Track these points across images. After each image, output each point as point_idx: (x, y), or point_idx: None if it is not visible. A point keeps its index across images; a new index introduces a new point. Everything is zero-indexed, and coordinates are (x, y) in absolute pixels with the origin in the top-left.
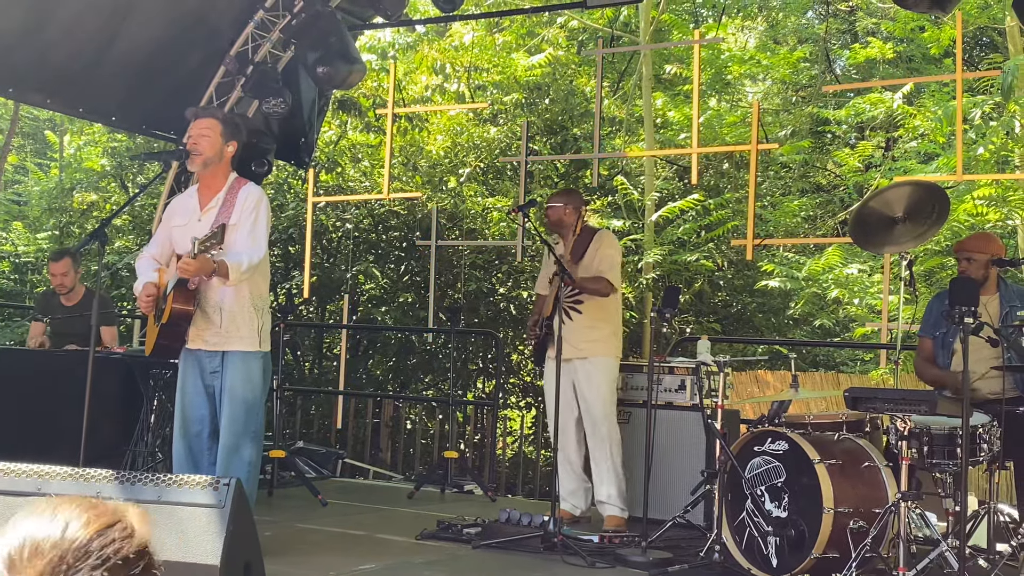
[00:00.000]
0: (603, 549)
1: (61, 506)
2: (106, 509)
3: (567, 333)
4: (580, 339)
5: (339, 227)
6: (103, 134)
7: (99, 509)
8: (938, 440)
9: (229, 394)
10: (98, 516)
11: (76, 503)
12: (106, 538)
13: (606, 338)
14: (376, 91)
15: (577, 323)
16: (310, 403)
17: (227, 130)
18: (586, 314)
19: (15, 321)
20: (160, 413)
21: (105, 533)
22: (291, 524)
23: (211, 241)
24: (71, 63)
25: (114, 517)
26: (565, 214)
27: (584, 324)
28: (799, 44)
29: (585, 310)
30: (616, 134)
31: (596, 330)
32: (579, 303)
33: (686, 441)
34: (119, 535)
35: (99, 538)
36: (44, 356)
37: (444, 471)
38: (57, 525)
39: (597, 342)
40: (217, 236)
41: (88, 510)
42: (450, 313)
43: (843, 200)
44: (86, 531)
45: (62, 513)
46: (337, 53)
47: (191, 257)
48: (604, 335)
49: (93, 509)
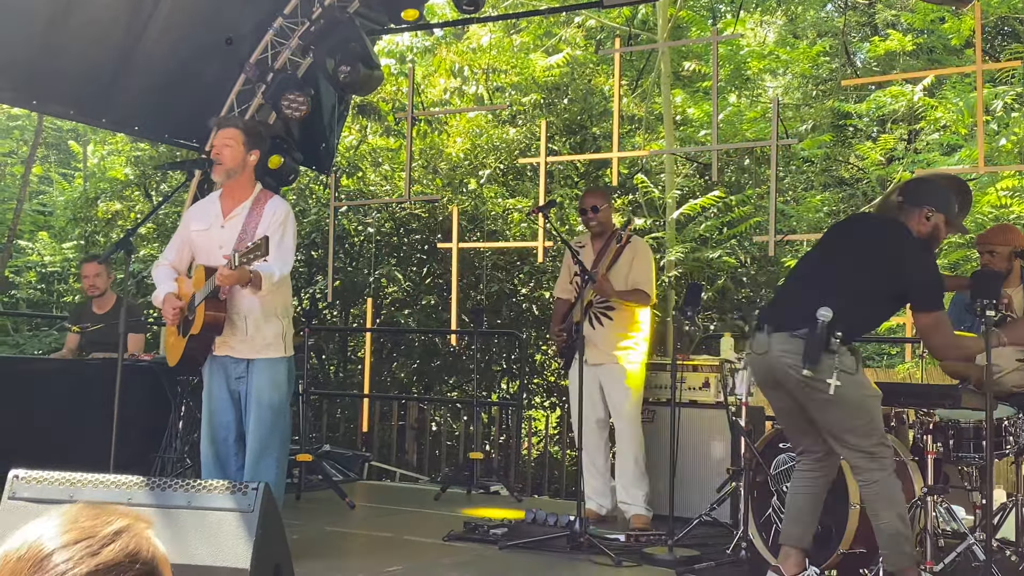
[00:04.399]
0: (629, 548)
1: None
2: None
3: (596, 338)
4: (609, 345)
5: (361, 231)
6: (126, 143)
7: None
8: (963, 434)
9: (256, 399)
10: (71, 530)
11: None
12: (65, 554)
13: (636, 344)
14: (395, 95)
15: (608, 329)
16: (335, 407)
17: (249, 139)
18: (617, 321)
19: (43, 331)
20: (188, 419)
21: (67, 549)
22: (319, 527)
23: (256, 252)
24: (93, 74)
25: (88, 532)
26: (609, 214)
27: (614, 330)
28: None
29: (616, 317)
30: (635, 132)
31: (626, 337)
32: (610, 309)
33: (711, 439)
34: (79, 553)
35: (57, 554)
36: (72, 364)
37: (470, 472)
38: (31, 538)
39: (627, 349)
40: (262, 248)
41: (69, 522)
42: (473, 314)
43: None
44: (49, 545)
45: (48, 523)
46: (357, 57)
47: (230, 268)
48: (634, 342)
49: (74, 522)
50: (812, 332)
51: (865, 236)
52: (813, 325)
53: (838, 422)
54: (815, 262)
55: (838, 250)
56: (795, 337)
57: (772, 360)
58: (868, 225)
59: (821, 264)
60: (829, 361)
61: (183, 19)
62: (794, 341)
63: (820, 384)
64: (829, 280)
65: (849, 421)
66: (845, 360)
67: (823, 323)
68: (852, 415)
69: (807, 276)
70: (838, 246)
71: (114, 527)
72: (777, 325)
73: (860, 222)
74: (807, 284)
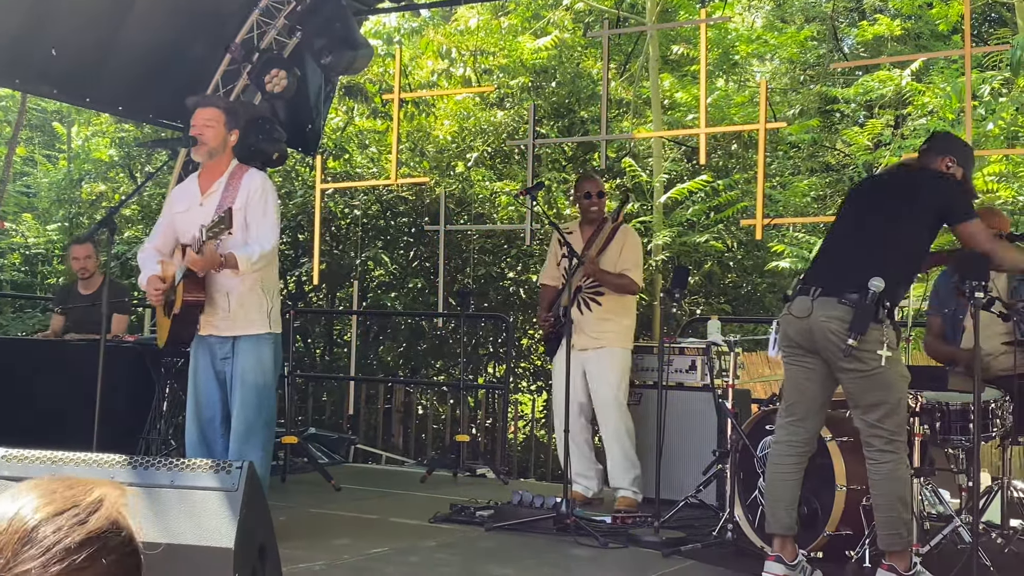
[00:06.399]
0: (616, 530)
1: (26, 489)
2: (67, 493)
3: (584, 324)
4: (595, 329)
5: (348, 214)
6: (110, 124)
7: (58, 494)
8: (950, 416)
9: (241, 380)
10: (52, 501)
11: (44, 485)
12: (52, 525)
13: (622, 330)
14: (382, 77)
15: (595, 314)
16: (321, 390)
17: (230, 119)
18: (604, 306)
19: (26, 312)
20: (172, 401)
21: (53, 520)
22: (304, 509)
23: (219, 227)
24: (77, 53)
25: (71, 501)
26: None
27: (601, 315)
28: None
29: (604, 302)
30: (624, 116)
31: (612, 322)
32: (599, 294)
33: (697, 421)
34: (67, 523)
35: (44, 526)
36: (55, 345)
37: (456, 455)
38: (9, 512)
39: (612, 333)
40: (225, 221)
41: (47, 494)
42: (460, 298)
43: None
44: (33, 517)
45: (22, 497)
46: (341, 40)
47: (198, 246)
48: (620, 327)
49: (51, 494)
50: (862, 301)
51: (897, 183)
52: (864, 293)
53: (868, 397)
54: (854, 223)
55: (875, 206)
56: (843, 304)
57: (813, 324)
58: (897, 175)
59: (862, 224)
60: (876, 333)
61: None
62: (842, 308)
63: (864, 355)
64: (874, 240)
65: (879, 398)
66: (889, 334)
67: (874, 293)
68: (885, 392)
69: (850, 238)
70: (874, 201)
71: (94, 495)
72: (824, 289)
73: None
74: (852, 247)
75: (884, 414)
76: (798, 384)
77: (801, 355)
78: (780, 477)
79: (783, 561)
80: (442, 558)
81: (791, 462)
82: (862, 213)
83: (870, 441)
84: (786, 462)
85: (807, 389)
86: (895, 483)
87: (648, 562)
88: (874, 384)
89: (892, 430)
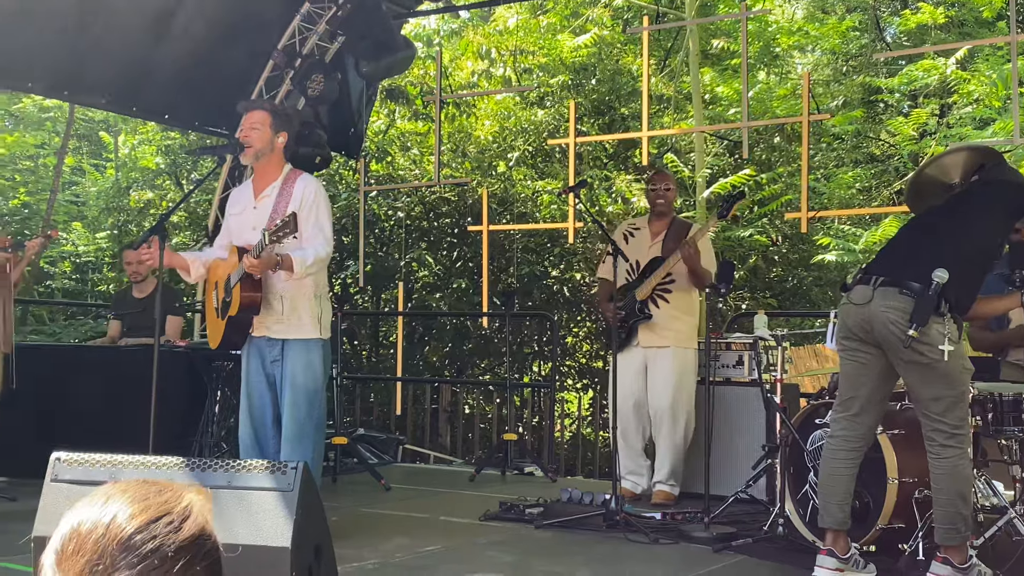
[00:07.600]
0: (666, 526)
1: (116, 494)
2: (159, 499)
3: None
4: (663, 327)
5: (391, 215)
6: (156, 133)
7: (151, 500)
8: (1003, 407)
9: (291, 383)
10: (146, 508)
11: (133, 489)
12: (149, 533)
13: (688, 328)
14: (423, 79)
15: (663, 310)
16: (369, 391)
17: (277, 121)
18: (672, 303)
19: (78, 319)
20: (224, 405)
21: (148, 528)
22: (356, 509)
23: (284, 231)
24: (123, 63)
25: (164, 508)
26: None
27: (669, 312)
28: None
29: (672, 299)
30: (664, 112)
31: (679, 320)
32: (668, 292)
33: (745, 417)
34: (163, 530)
35: (141, 533)
36: (109, 351)
37: (504, 454)
38: (104, 517)
39: (678, 332)
40: (290, 224)
41: (139, 500)
42: (504, 297)
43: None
44: (130, 525)
45: (113, 503)
46: (381, 44)
47: (259, 249)
48: (687, 326)
49: (144, 500)
50: (924, 292)
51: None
52: (927, 284)
53: (929, 390)
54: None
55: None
56: (904, 294)
57: (873, 313)
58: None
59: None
60: (937, 325)
61: (211, 6)
62: (903, 298)
63: (924, 347)
64: (942, 233)
65: (940, 391)
66: (951, 327)
67: (938, 284)
68: (946, 386)
69: (917, 229)
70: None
71: (185, 502)
72: (886, 279)
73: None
74: (919, 237)
75: (946, 407)
76: (854, 379)
77: (857, 347)
78: (834, 472)
79: (835, 555)
80: (494, 555)
81: (846, 457)
82: (933, 210)
83: (932, 436)
84: (841, 457)
85: (863, 384)
86: (957, 478)
87: (698, 558)
88: (935, 376)
89: (954, 424)
